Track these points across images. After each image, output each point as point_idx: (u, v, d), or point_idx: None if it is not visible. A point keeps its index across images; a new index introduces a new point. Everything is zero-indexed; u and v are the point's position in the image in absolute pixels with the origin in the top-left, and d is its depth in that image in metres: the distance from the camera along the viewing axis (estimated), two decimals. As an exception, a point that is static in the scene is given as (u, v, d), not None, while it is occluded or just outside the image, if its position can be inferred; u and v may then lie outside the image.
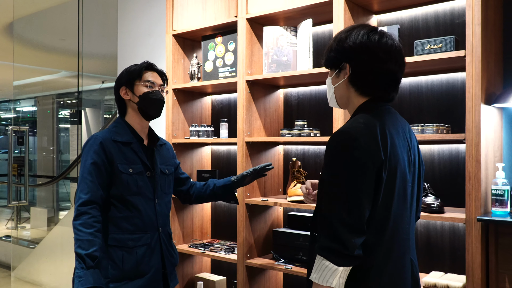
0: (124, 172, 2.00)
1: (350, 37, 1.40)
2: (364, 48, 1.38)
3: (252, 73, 2.87)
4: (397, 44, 1.41)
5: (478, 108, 2.06)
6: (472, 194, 2.06)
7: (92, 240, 1.86)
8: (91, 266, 1.82)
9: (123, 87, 2.11)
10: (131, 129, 2.11)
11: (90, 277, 1.81)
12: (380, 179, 1.29)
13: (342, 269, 1.27)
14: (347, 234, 1.25)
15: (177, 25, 3.24)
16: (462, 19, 2.41)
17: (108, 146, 2.00)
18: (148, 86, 2.10)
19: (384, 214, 1.31)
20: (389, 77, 1.40)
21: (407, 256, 1.40)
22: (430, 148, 2.52)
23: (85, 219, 1.88)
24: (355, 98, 1.44)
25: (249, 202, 2.82)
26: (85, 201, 1.91)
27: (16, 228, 6.79)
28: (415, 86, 2.57)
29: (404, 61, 1.44)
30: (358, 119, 1.35)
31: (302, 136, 2.69)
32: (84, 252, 1.83)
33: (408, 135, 1.45)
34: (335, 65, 1.45)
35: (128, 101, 2.12)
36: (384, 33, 1.40)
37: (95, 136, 2.03)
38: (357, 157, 1.27)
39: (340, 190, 1.28)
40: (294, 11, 2.69)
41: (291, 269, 2.63)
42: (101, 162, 1.97)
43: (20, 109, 10.06)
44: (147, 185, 2.06)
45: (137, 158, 2.05)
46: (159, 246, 2.07)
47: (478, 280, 2.04)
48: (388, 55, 1.38)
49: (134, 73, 2.10)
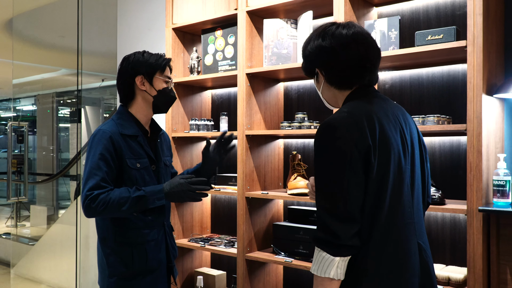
0: (133, 167, 1.93)
1: (310, 43, 1.46)
2: (321, 49, 1.42)
3: (252, 66, 2.86)
4: (355, 31, 1.40)
5: (479, 98, 2.05)
6: (474, 185, 2.05)
7: (122, 193, 1.83)
8: (141, 193, 1.84)
9: (141, 77, 2.00)
10: (136, 121, 2.03)
11: (154, 193, 1.85)
12: (370, 165, 1.28)
13: (338, 259, 1.26)
14: (336, 224, 1.25)
15: (176, 18, 3.23)
16: (463, 11, 2.40)
17: (118, 141, 1.91)
18: (167, 82, 2.05)
19: (378, 200, 1.30)
20: (359, 64, 1.40)
21: (413, 240, 1.36)
22: (430, 140, 2.51)
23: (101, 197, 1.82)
24: (339, 94, 1.47)
25: (249, 196, 2.81)
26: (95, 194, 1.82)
27: (15, 226, 6.77)
28: (415, 78, 2.56)
29: (370, 42, 1.42)
30: (342, 108, 1.38)
31: (302, 129, 2.68)
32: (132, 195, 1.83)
33: (401, 119, 1.43)
34: (311, 73, 1.51)
35: (142, 91, 2.01)
36: (340, 25, 1.42)
37: (103, 130, 1.92)
38: (339, 147, 1.28)
39: (326, 181, 1.29)
40: (295, 4, 2.68)
41: (291, 262, 2.62)
42: (110, 157, 1.88)
43: (20, 108, 10.05)
44: (153, 179, 2.00)
45: (143, 151, 1.98)
46: (164, 240, 2.04)
47: (480, 271, 2.03)
48: (346, 45, 1.39)
49: (157, 66, 2.01)
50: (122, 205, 1.82)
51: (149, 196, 1.85)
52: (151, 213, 1.95)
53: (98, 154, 1.87)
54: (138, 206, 1.84)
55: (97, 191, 1.82)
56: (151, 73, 2.01)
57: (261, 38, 2.91)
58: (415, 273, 1.36)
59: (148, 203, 1.85)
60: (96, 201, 1.81)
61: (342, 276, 1.28)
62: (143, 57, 2.02)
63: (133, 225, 1.93)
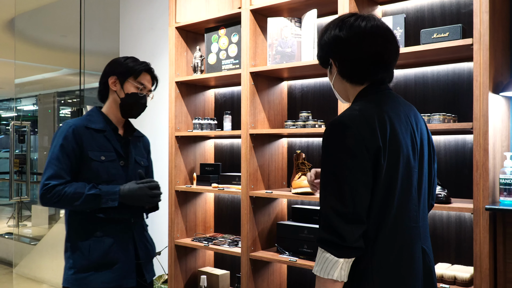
0: (94, 159, 1.95)
1: (326, 33, 1.41)
2: (338, 40, 1.37)
3: (256, 64, 2.85)
4: (374, 24, 1.35)
5: (486, 96, 2.03)
6: (480, 183, 2.04)
7: (78, 188, 1.88)
8: (96, 191, 1.88)
9: (114, 77, 2.05)
10: (106, 119, 2.06)
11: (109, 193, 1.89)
12: (379, 166, 1.25)
13: (342, 260, 1.23)
14: (343, 225, 1.22)
15: (180, 17, 3.23)
16: (469, 9, 2.39)
17: (80, 133, 1.95)
18: (139, 88, 2.06)
19: (386, 202, 1.27)
20: (374, 60, 1.36)
21: (417, 244, 1.34)
22: (436, 139, 2.50)
23: (57, 188, 1.88)
24: (351, 88, 1.43)
25: (253, 195, 2.80)
26: (52, 185, 1.88)
27: (17, 226, 6.77)
28: (420, 76, 2.55)
29: (388, 37, 1.37)
30: (353, 106, 1.34)
31: (307, 128, 2.67)
32: (86, 192, 1.87)
33: (413, 119, 1.40)
34: (325, 62, 1.46)
35: (113, 92, 2.06)
36: (359, 16, 1.37)
37: (67, 122, 1.98)
38: (349, 146, 1.24)
39: (334, 180, 1.25)
40: (299, 2, 2.67)
41: (295, 261, 2.61)
42: (71, 148, 1.92)
43: (21, 108, 10.04)
44: (121, 173, 2.01)
45: (110, 145, 2.00)
46: (131, 237, 2.02)
47: (486, 270, 2.01)
48: (362, 38, 1.34)
49: (132, 71, 2.05)
50: (75, 200, 1.87)
51: (103, 196, 1.90)
52: (103, 211, 1.95)
53: (59, 146, 1.92)
54: (91, 203, 1.89)
55: (54, 181, 1.88)
56: (125, 76, 2.04)
57: (265, 37, 2.90)
58: (419, 278, 1.34)
59: (101, 202, 1.90)
60: (52, 192, 1.87)
61: (345, 278, 1.25)
62: (125, 60, 2.08)
63: (95, 219, 1.95)
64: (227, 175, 3.08)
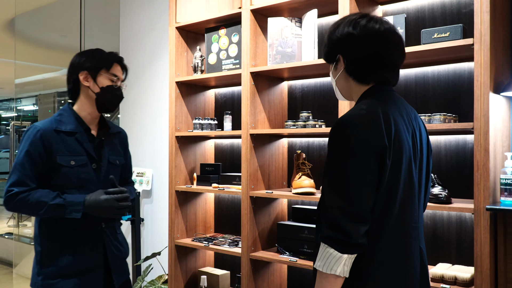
0: (64, 165, 1.87)
1: (338, 29, 1.41)
2: (351, 37, 1.38)
3: (256, 64, 2.84)
4: (387, 28, 1.38)
5: (486, 96, 2.03)
6: (481, 183, 2.04)
7: (42, 196, 1.82)
8: (59, 202, 1.82)
9: (85, 72, 1.95)
10: (78, 118, 1.97)
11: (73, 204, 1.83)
12: (384, 165, 1.27)
13: (346, 256, 1.25)
14: (349, 224, 1.23)
15: (180, 17, 3.22)
16: (469, 9, 2.39)
17: (48, 137, 1.86)
18: (113, 80, 1.98)
19: (389, 201, 1.29)
20: (383, 61, 1.38)
21: (416, 244, 1.38)
22: (436, 139, 2.49)
23: (20, 196, 1.82)
24: (355, 87, 1.43)
25: (253, 195, 2.80)
26: (15, 192, 1.82)
27: (17, 226, 6.76)
28: (421, 76, 2.55)
29: (399, 42, 1.41)
30: (360, 105, 1.34)
31: (307, 128, 2.67)
32: (49, 202, 1.81)
33: (414, 121, 1.43)
34: (331, 58, 1.47)
35: (85, 88, 1.96)
36: (372, 18, 1.39)
37: (34, 126, 1.89)
38: (355, 145, 1.25)
39: (340, 179, 1.26)
40: (299, 2, 2.67)
41: (296, 261, 2.61)
42: (37, 154, 1.84)
43: (21, 108, 10.04)
44: (92, 177, 1.93)
45: (82, 149, 1.92)
46: (101, 242, 1.96)
47: (487, 270, 2.01)
48: (376, 39, 1.36)
49: (103, 62, 1.96)
50: (39, 209, 1.82)
51: (67, 206, 1.83)
52: (65, 220, 1.88)
53: (25, 152, 1.85)
54: (55, 212, 1.83)
55: (18, 188, 1.82)
56: (96, 69, 1.96)
57: (265, 37, 2.90)
58: (416, 277, 1.37)
59: (65, 213, 1.83)
60: (15, 199, 1.82)
61: (347, 274, 1.27)
62: (93, 53, 1.98)
63: (64, 225, 1.89)
64: (227, 175, 3.08)
